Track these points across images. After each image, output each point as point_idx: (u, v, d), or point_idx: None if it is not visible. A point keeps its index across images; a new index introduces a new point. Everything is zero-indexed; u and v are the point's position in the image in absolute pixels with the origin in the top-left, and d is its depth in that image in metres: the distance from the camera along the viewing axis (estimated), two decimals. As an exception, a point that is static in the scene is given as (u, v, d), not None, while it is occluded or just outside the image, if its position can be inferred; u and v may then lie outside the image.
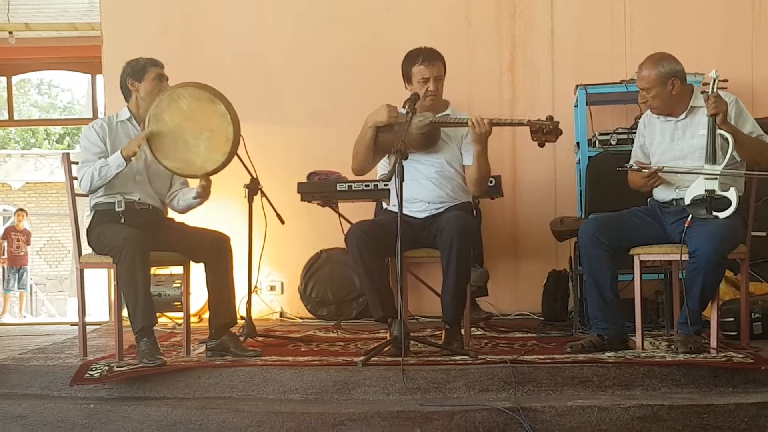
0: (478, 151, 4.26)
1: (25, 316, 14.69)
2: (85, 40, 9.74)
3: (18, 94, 23.53)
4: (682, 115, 4.19)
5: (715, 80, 4.04)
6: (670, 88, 4.12)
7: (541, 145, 4.20)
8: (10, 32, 9.50)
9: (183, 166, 4.16)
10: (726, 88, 4.19)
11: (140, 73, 4.30)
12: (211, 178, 4.24)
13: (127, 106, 4.38)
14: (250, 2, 6.66)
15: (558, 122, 4.15)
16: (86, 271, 4.36)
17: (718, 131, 3.99)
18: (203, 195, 4.27)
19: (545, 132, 4.14)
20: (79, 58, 10.33)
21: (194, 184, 4.32)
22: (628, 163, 4.29)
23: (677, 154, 4.19)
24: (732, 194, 3.99)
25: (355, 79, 6.40)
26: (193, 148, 4.15)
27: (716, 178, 3.99)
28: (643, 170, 4.17)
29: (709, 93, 4.01)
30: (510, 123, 4.29)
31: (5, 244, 14.32)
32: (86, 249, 4.33)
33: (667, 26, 6.11)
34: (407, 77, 4.40)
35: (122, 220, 4.20)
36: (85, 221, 4.42)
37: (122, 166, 4.12)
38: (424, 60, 4.33)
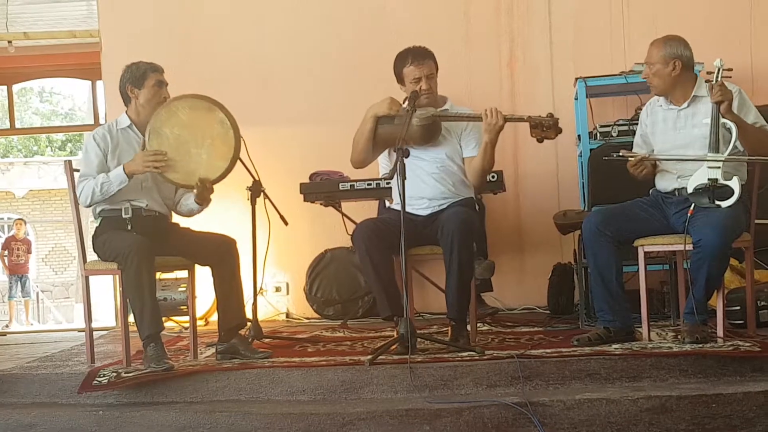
0: (487, 142, 4.21)
1: (32, 324, 14.74)
2: (85, 46, 9.74)
3: (19, 102, 23.56)
4: (685, 104, 4.20)
5: (719, 69, 4.04)
6: (671, 68, 4.13)
7: (540, 140, 4.17)
8: (9, 41, 9.51)
9: (186, 177, 4.16)
10: (730, 77, 4.20)
11: (140, 80, 4.29)
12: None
13: (126, 113, 4.37)
14: (248, 4, 6.67)
15: (558, 119, 4.13)
16: (92, 277, 4.37)
17: (722, 120, 3.99)
18: (203, 201, 4.27)
19: (545, 128, 4.13)
20: (78, 64, 10.32)
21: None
22: (618, 152, 4.29)
23: (679, 143, 4.19)
24: (735, 183, 3.98)
25: (354, 78, 6.41)
26: (195, 157, 4.16)
27: (719, 167, 3.98)
28: (629, 159, 4.18)
29: (713, 82, 4.01)
30: (515, 119, 4.25)
31: (6, 253, 14.43)
32: (91, 255, 4.34)
33: (665, 15, 6.10)
34: (400, 78, 4.40)
35: (129, 227, 4.21)
36: (88, 227, 4.42)
37: (125, 183, 4.13)
38: (413, 60, 4.33)
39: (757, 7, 6.10)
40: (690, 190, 4.06)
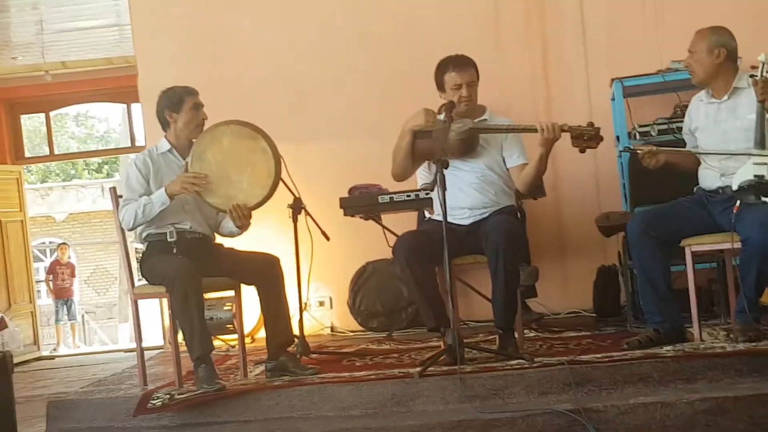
0: (543, 153, 4.19)
1: (79, 346, 14.93)
2: (118, 70, 9.90)
3: (56, 126, 23.96)
4: (725, 97, 4.16)
5: (764, 64, 3.97)
6: (714, 56, 4.11)
7: (582, 151, 4.14)
8: (46, 71, 9.67)
9: (225, 201, 4.21)
10: (775, 71, 4.16)
11: (177, 104, 4.34)
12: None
13: (166, 137, 4.44)
14: (278, 22, 6.71)
15: (599, 128, 4.09)
16: (139, 299, 4.42)
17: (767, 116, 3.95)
18: (242, 226, 4.30)
19: (586, 138, 4.10)
20: (113, 88, 10.49)
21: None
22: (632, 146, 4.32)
23: (720, 137, 4.15)
24: (782, 179, 3.93)
25: (388, 90, 6.41)
26: (236, 183, 4.21)
27: (766, 164, 3.93)
28: (638, 152, 4.19)
29: (758, 77, 3.96)
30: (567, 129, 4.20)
31: (51, 277, 14.65)
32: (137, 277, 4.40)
33: (698, 11, 6.00)
34: (440, 86, 4.40)
35: (174, 250, 4.25)
36: (131, 249, 4.48)
37: (166, 204, 4.18)
38: (455, 67, 4.33)
39: (792, -2, 6.02)
40: (735, 187, 4.01)
